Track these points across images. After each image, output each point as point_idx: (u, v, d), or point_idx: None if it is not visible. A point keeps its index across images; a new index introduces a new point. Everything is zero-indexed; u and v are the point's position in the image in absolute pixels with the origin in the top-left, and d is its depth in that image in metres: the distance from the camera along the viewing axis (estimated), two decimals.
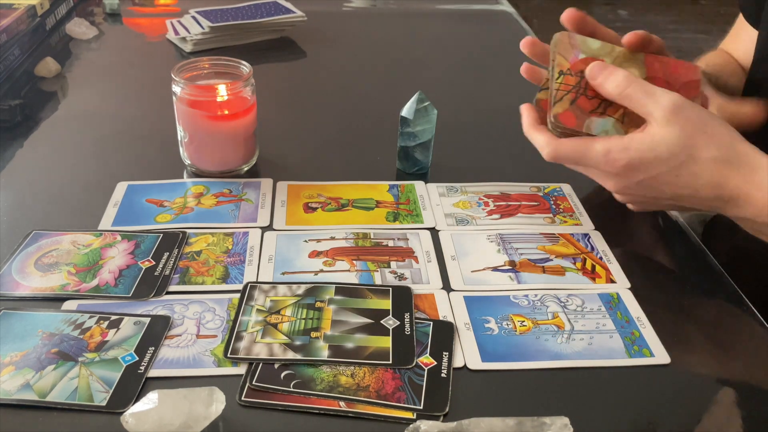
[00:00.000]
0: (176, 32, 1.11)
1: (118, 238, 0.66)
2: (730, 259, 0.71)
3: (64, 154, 0.81)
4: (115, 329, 0.55)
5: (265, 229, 0.68)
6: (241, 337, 0.55)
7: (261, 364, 0.53)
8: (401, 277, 0.63)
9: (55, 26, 1.17)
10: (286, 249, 0.66)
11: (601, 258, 0.66)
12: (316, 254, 0.65)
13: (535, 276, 0.63)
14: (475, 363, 0.54)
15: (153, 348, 0.54)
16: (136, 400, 0.49)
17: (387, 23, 1.30)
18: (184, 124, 0.74)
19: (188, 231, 0.68)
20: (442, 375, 0.52)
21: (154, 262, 0.63)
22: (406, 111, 0.75)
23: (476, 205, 0.73)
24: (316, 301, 0.59)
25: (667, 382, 0.53)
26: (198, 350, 0.54)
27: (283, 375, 0.52)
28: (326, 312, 0.58)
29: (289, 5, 1.17)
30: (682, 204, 0.61)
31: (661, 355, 0.55)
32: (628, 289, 0.62)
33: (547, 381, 0.53)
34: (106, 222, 0.69)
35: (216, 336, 0.56)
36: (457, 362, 0.54)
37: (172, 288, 0.60)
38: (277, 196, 0.74)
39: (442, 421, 0.48)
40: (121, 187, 0.74)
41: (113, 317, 0.57)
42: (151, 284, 0.61)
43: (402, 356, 0.54)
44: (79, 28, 1.15)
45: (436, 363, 0.53)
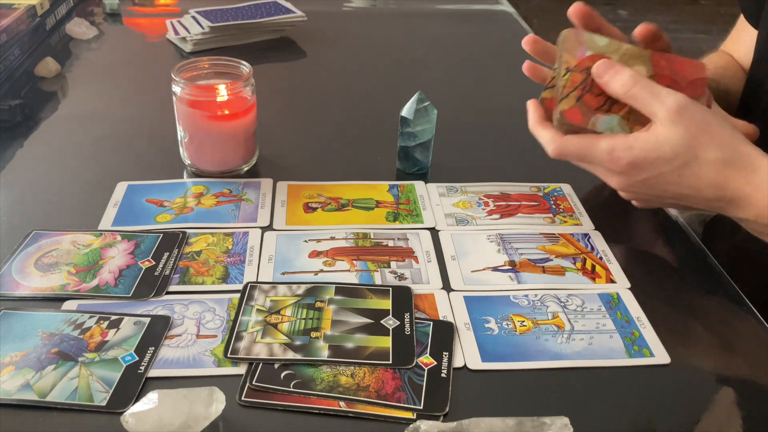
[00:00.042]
0: (176, 32, 1.11)
1: (118, 238, 0.66)
2: (730, 259, 0.71)
3: (64, 154, 0.81)
4: (115, 329, 0.55)
5: (265, 229, 0.68)
6: (241, 337, 0.55)
7: (261, 364, 0.53)
8: (401, 277, 0.63)
9: (55, 26, 1.17)
10: (286, 249, 0.66)
11: (601, 258, 0.66)
12: (316, 254, 0.65)
13: (535, 276, 0.63)
14: (475, 363, 0.54)
15: (153, 348, 0.54)
16: (136, 400, 0.49)
17: (387, 23, 1.30)
18: (184, 124, 0.74)
19: (188, 231, 0.68)
20: (442, 375, 0.52)
21: (154, 262, 0.63)
22: (406, 111, 0.75)
23: (476, 205, 0.73)
24: (316, 301, 0.59)
25: (667, 382, 0.53)
26: (198, 350, 0.54)
27: (283, 375, 0.52)
28: (326, 312, 0.58)
29: (289, 5, 1.17)
30: (685, 203, 0.61)
31: (661, 355, 0.55)
32: (628, 289, 0.62)
33: (547, 381, 0.53)
34: (106, 222, 0.69)
35: (216, 336, 0.56)
36: (457, 362, 0.54)
37: (172, 288, 0.60)
38: (277, 196, 0.74)
39: (442, 421, 0.48)
40: (121, 187, 0.74)
41: (113, 317, 0.57)
42: (151, 284, 0.61)
43: (402, 356, 0.54)
44: (79, 28, 1.15)
45: (436, 363, 0.53)
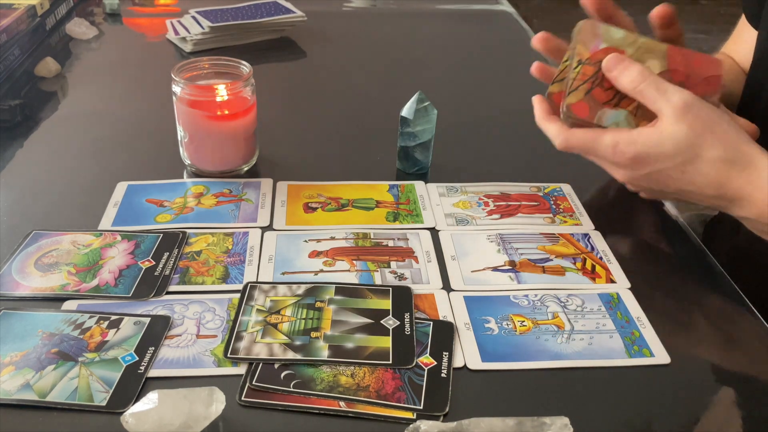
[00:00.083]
0: (176, 32, 1.11)
1: (118, 238, 0.66)
2: (730, 259, 0.71)
3: (64, 154, 0.81)
4: (115, 329, 0.55)
5: (265, 229, 0.68)
6: (241, 337, 0.55)
7: (261, 364, 0.53)
8: (401, 277, 0.63)
9: (55, 26, 1.17)
10: (286, 249, 0.66)
11: (601, 258, 0.66)
12: (316, 254, 0.65)
13: (535, 276, 0.63)
14: (475, 363, 0.54)
15: (153, 348, 0.54)
16: (136, 400, 0.49)
17: (387, 23, 1.30)
18: (184, 124, 0.74)
19: (188, 231, 0.68)
20: (442, 375, 0.52)
21: (154, 262, 0.63)
22: (406, 111, 0.75)
23: (476, 205, 0.73)
24: (316, 301, 0.59)
25: (667, 382, 0.53)
26: (198, 350, 0.54)
27: (283, 375, 0.52)
28: (326, 312, 0.58)
29: (289, 5, 1.17)
30: (688, 199, 0.62)
31: (661, 355, 0.55)
32: (628, 289, 0.62)
33: (547, 381, 0.53)
34: (106, 222, 0.69)
35: (216, 336, 0.56)
36: (457, 362, 0.54)
37: (172, 288, 0.60)
38: (277, 196, 0.74)
39: (442, 421, 0.48)
40: (121, 187, 0.74)
41: (113, 317, 0.57)
42: (151, 284, 0.61)
43: (402, 356, 0.54)
44: (79, 28, 1.15)
45: (436, 363, 0.53)
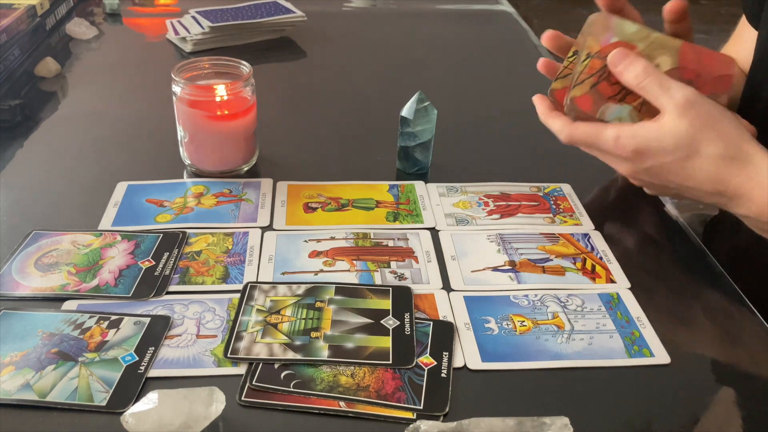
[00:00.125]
0: (176, 32, 1.11)
1: (118, 238, 0.66)
2: (730, 259, 0.71)
3: (64, 154, 0.81)
4: (115, 329, 0.55)
5: (265, 229, 0.68)
6: (241, 337, 0.55)
7: (261, 364, 0.53)
8: (401, 277, 0.63)
9: (55, 26, 1.17)
10: (286, 249, 0.66)
11: (601, 258, 0.66)
12: (316, 254, 0.65)
13: (535, 276, 0.63)
14: (475, 363, 0.54)
15: (153, 348, 0.54)
16: (136, 400, 0.49)
17: (387, 23, 1.30)
18: (184, 124, 0.74)
19: (188, 231, 0.68)
20: (442, 375, 0.52)
21: (154, 262, 0.63)
22: (406, 111, 0.75)
23: (476, 205, 0.73)
24: (316, 301, 0.59)
25: (667, 382, 0.53)
26: (198, 350, 0.54)
27: (283, 375, 0.52)
28: (326, 312, 0.58)
29: (289, 5, 1.17)
30: (689, 195, 0.62)
31: (661, 355, 0.55)
32: (628, 289, 0.62)
33: (547, 381, 0.53)
34: (106, 222, 0.69)
35: (216, 336, 0.56)
36: (457, 362, 0.54)
37: (172, 288, 0.60)
38: (277, 196, 0.74)
39: (442, 421, 0.48)
40: (121, 187, 0.74)
41: (113, 317, 0.57)
42: (151, 284, 0.61)
43: (402, 356, 0.54)
44: (79, 28, 1.15)
45: (436, 363, 0.53)
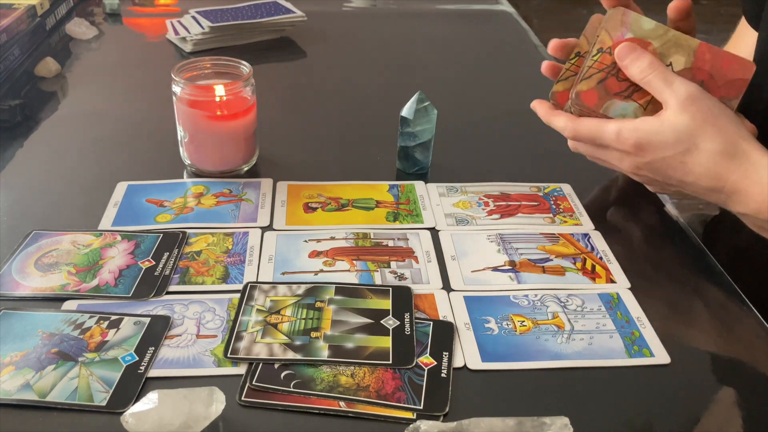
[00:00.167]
0: (176, 32, 1.11)
1: (118, 238, 0.66)
2: (730, 259, 0.71)
3: (64, 154, 0.81)
4: (115, 329, 0.55)
5: (265, 229, 0.68)
6: (241, 337, 0.55)
7: (261, 364, 0.53)
8: (401, 277, 0.63)
9: (55, 26, 1.17)
10: (286, 249, 0.66)
11: (601, 258, 0.66)
12: (316, 254, 0.65)
13: (535, 276, 0.63)
14: (475, 363, 0.54)
15: (153, 348, 0.54)
16: (136, 400, 0.49)
17: (387, 23, 1.30)
18: (184, 124, 0.74)
19: (188, 231, 0.68)
20: (442, 375, 0.52)
21: (154, 262, 0.63)
22: (406, 111, 0.75)
23: (476, 205, 0.73)
24: (316, 301, 0.59)
25: (667, 382, 0.53)
26: (198, 350, 0.54)
27: (283, 375, 0.52)
28: (326, 312, 0.58)
29: (289, 5, 1.17)
30: (688, 191, 0.63)
31: (661, 355, 0.55)
32: (628, 289, 0.62)
33: (547, 381, 0.53)
34: (106, 222, 0.69)
35: (216, 336, 0.56)
36: (457, 362, 0.54)
37: (172, 288, 0.60)
38: (277, 196, 0.74)
39: (442, 421, 0.48)
40: (121, 187, 0.74)
41: (113, 317, 0.57)
42: (151, 284, 0.61)
43: (402, 356, 0.54)
44: (79, 28, 1.15)
45: (436, 363, 0.53)
